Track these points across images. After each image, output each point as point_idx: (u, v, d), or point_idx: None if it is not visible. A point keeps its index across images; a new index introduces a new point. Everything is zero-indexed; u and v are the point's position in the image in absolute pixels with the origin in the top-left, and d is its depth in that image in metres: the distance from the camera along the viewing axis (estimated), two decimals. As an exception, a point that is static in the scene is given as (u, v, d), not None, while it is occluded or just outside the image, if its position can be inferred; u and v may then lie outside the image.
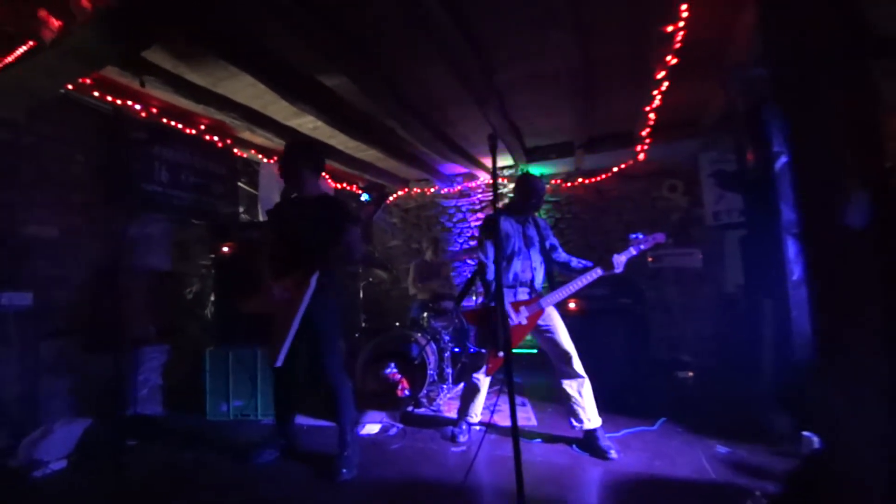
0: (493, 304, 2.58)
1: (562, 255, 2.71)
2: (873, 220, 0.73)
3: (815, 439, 2.17)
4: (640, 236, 2.50)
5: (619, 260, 2.45)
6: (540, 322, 2.56)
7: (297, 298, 2.25)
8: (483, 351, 2.64)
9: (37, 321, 2.81)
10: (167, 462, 2.51)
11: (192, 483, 2.26)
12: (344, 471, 2.22)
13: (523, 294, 2.62)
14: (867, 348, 0.86)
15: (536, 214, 2.81)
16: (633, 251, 2.48)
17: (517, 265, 2.62)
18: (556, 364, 2.58)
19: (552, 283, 2.68)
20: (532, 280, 2.63)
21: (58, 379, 2.88)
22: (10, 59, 2.44)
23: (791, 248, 2.43)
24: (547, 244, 2.73)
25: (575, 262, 2.64)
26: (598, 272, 2.48)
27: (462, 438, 2.69)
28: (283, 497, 2.08)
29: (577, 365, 2.51)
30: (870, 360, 0.86)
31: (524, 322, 2.52)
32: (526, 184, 2.70)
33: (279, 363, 2.24)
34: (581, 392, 2.48)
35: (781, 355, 2.48)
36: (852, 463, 1.03)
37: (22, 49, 2.39)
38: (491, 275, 2.59)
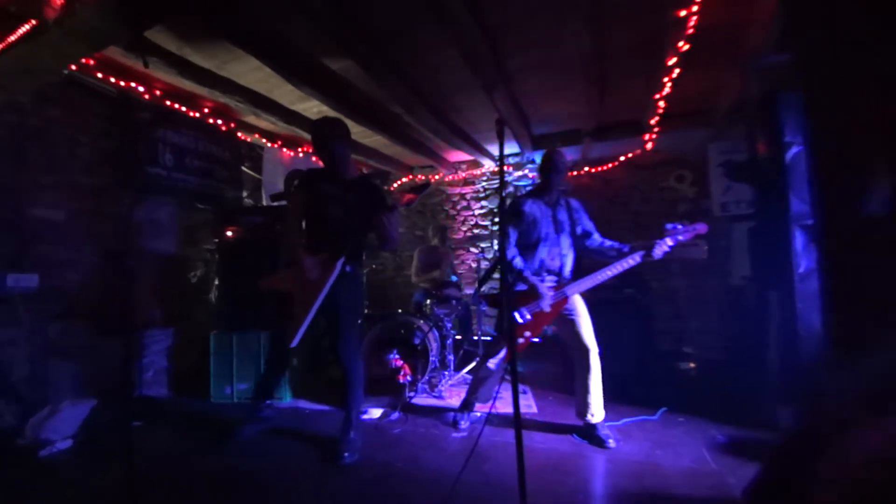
0: (518, 288, 2.48)
1: (596, 241, 2.52)
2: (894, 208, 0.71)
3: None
4: (679, 227, 2.31)
5: (662, 248, 2.26)
6: (564, 310, 2.46)
7: (322, 281, 2.23)
8: (500, 336, 2.59)
9: (44, 303, 2.84)
10: (171, 443, 2.54)
11: (196, 465, 2.29)
12: (346, 455, 2.23)
13: (549, 283, 2.51)
14: (889, 342, 0.84)
15: (567, 196, 2.65)
16: (669, 242, 2.28)
17: (543, 251, 2.49)
18: (573, 355, 2.50)
19: (582, 271, 2.50)
20: (560, 268, 2.51)
21: (65, 360, 2.91)
22: (12, 38, 2.42)
23: (799, 240, 2.40)
24: (579, 229, 2.57)
25: (608, 245, 2.46)
26: (636, 258, 2.31)
27: (464, 425, 2.69)
28: (285, 479, 2.11)
29: (595, 360, 2.43)
30: (890, 354, 0.84)
31: (547, 310, 2.42)
32: (545, 161, 2.56)
33: (295, 343, 2.23)
34: (592, 387, 2.44)
35: (787, 348, 2.47)
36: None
37: (25, 28, 2.37)
38: (511, 256, 2.48)
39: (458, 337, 4.01)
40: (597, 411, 2.45)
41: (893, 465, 0.80)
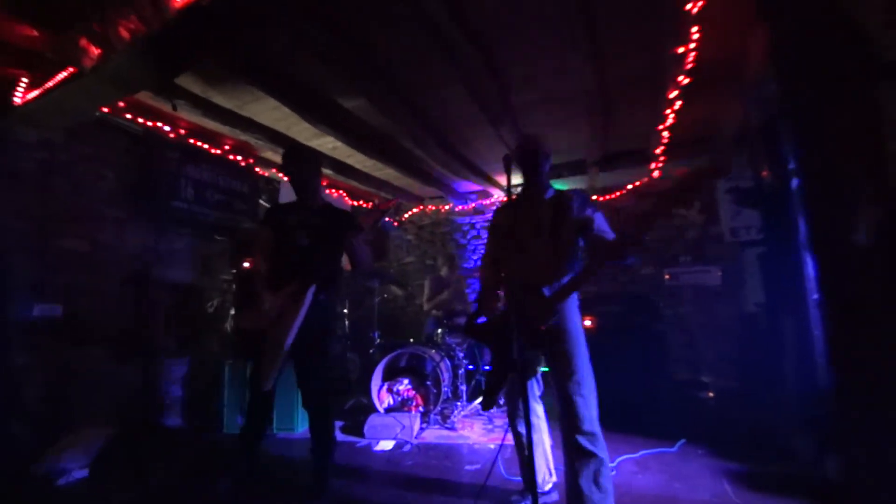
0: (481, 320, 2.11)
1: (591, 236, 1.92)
2: (882, 237, 0.74)
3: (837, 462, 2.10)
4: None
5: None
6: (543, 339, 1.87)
7: (292, 314, 2.03)
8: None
9: (65, 331, 2.92)
10: (186, 474, 2.54)
11: (209, 494, 2.27)
12: None
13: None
14: (885, 365, 0.86)
15: (556, 188, 2.06)
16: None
17: (518, 262, 1.95)
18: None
19: (568, 280, 1.88)
20: (539, 278, 1.89)
21: (84, 388, 2.96)
22: (50, 83, 2.61)
23: (810, 266, 2.39)
24: (568, 225, 1.93)
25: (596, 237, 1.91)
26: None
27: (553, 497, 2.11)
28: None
29: (538, 423, 2.10)
30: (888, 377, 0.85)
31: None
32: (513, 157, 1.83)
33: (268, 387, 2.01)
34: (535, 459, 1.73)
35: (804, 375, 2.42)
36: (876, 484, 1.01)
37: (62, 74, 2.55)
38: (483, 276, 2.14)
39: (471, 367, 3.99)
40: (548, 476, 2.14)
41: None
